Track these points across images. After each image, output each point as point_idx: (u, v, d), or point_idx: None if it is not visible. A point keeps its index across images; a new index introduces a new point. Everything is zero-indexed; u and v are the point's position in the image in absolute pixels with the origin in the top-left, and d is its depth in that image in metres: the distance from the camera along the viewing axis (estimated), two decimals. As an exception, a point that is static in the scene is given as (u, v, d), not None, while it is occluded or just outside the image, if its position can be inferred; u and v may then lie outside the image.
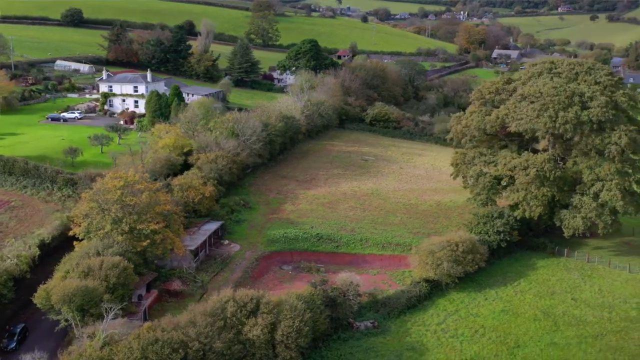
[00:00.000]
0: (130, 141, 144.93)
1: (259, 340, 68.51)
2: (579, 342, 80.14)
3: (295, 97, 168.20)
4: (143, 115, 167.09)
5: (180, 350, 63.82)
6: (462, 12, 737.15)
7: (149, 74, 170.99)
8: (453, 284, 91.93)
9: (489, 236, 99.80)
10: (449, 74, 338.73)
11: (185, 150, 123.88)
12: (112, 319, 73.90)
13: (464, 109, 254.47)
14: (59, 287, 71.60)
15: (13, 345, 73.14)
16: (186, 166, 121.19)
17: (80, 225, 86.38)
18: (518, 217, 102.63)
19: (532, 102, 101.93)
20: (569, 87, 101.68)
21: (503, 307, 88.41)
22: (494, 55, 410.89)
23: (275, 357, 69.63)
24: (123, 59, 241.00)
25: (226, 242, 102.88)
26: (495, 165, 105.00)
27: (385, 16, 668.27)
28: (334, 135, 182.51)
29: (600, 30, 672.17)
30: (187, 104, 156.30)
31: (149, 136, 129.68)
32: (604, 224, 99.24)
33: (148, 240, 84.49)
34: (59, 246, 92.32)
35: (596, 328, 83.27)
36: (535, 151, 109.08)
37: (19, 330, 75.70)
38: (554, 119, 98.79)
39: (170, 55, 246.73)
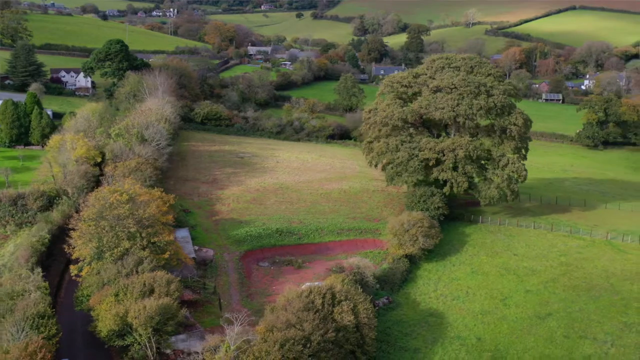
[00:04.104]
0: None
1: (351, 324, 73.02)
2: (545, 287, 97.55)
3: (157, 100, 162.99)
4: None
5: (308, 345, 66.12)
6: (171, 9, 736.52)
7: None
8: (423, 256, 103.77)
9: (430, 212, 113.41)
10: (221, 71, 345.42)
11: (97, 160, 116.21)
12: (176, 334, 72.56)
13: (260, 104, 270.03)
14: (136, 309, 67.49)
15: None
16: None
17: (84, 247, 79.84)
18: (447, 193, 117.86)
19: (448, 93, 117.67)
20: (473, 79, 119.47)
21: (471, 270, 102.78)
22: (252, 52, 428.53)
23: (363, 339, 74.62)
24: None
25: (196, 247, 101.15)
26: (421, 150, 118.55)
27: (95, 12, 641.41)
28: (184, 137, 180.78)
29: (308, 26, 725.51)
30: (48, 113, 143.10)
31: (47, 150, 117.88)
32: (511, 192, 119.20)
33: (168, 252, 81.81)
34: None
35: (548, 274, 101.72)
36: (439, 135, 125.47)
37: (69, 366, 69.36)
38: (470, 105, 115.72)
39: None
